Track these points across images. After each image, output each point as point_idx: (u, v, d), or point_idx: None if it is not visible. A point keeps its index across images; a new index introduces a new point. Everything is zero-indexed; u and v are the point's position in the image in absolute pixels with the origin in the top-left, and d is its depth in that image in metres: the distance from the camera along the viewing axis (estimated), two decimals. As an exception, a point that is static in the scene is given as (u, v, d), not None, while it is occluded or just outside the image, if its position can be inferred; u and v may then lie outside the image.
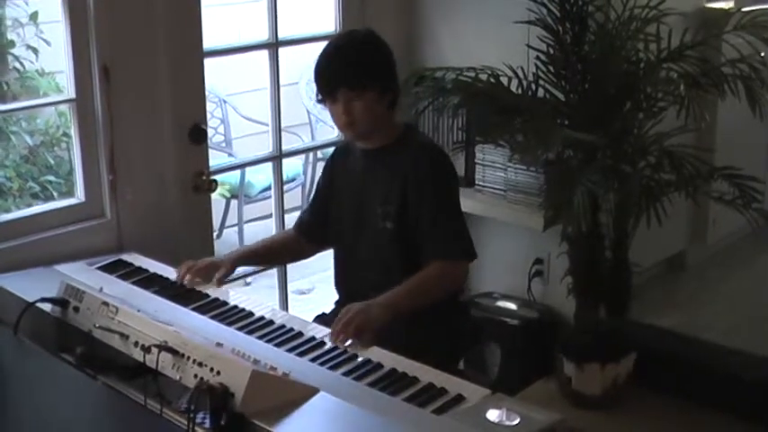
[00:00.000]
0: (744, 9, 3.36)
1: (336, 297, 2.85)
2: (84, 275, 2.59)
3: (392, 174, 2.62)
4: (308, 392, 1.92)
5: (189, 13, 3.02)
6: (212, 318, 2.40)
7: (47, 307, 2.31)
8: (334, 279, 2.85)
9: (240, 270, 2.92)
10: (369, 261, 2.69)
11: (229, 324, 2.36)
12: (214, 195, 3.31)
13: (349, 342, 2.25)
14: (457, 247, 2.59)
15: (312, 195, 2.95)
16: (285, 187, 4.17)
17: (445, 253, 2.56)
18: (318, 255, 3.01)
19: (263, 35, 3.37)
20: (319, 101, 2.67)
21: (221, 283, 2.61)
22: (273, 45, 3.36)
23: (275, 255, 2.98)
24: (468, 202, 3.40)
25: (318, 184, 2.92)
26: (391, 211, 2.61)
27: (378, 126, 2.63)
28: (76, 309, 2.24)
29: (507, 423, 1.87)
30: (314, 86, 2.67)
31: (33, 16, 4.25)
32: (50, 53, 4.13)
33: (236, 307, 2.46)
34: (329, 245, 2.88)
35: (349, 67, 2.59)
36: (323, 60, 2.63)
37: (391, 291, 2.46)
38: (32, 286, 2.42)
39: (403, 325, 2.40)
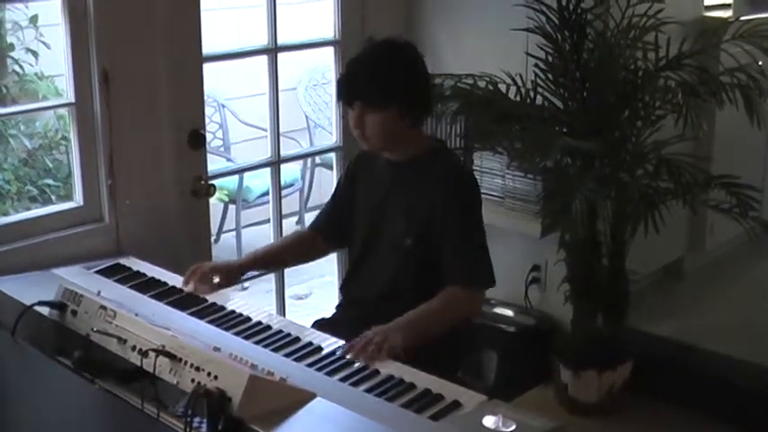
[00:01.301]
0: (742, 18, 3.37)
1: (337, 302, 2.83)
2: (82, 279, 2.59)
3: (417, 190, 2.57)
4: (305, 397, 1.92)
5: (188, 17, 3.02)
6: (210, 322, 2.40)
7: (45, 310, 2.30)
8: (342, 280, 2.82)
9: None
10: (380, 270, 2.64)
11: (227, 329, 2.36)
12: (212, 200, 3.31)
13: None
14: (478, 275, 2.54)
15: (331, 195, 2.87)
16: (283, 192, 4.18)
17: (467, 280, 2.51)
18: (316, 260, 2.99)
19: (263, 40, 3.37)
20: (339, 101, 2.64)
21: (216, 289, 2.60)
22: (272, 50, 3.37)
23: (288, 255, 2.89)
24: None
25: (339, 184, 2.86)
26: (412, 228, 2.56)
27: (394, 142, 2.57)
28: (74, 312, 2.23)
29: (503, 429, 1.87)
30: (312, 92, 2.66)
31: (33, 19, 4.24)
32: (50, 56, 4.13)
33: (233, 312, 2.46)
34: (345, 246, 2.84)
35: (368, 84, 2.51)
36: (346, 69, 2.61)
37: (409, 315, 2.39)
38: (30, 290, 2.41)
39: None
